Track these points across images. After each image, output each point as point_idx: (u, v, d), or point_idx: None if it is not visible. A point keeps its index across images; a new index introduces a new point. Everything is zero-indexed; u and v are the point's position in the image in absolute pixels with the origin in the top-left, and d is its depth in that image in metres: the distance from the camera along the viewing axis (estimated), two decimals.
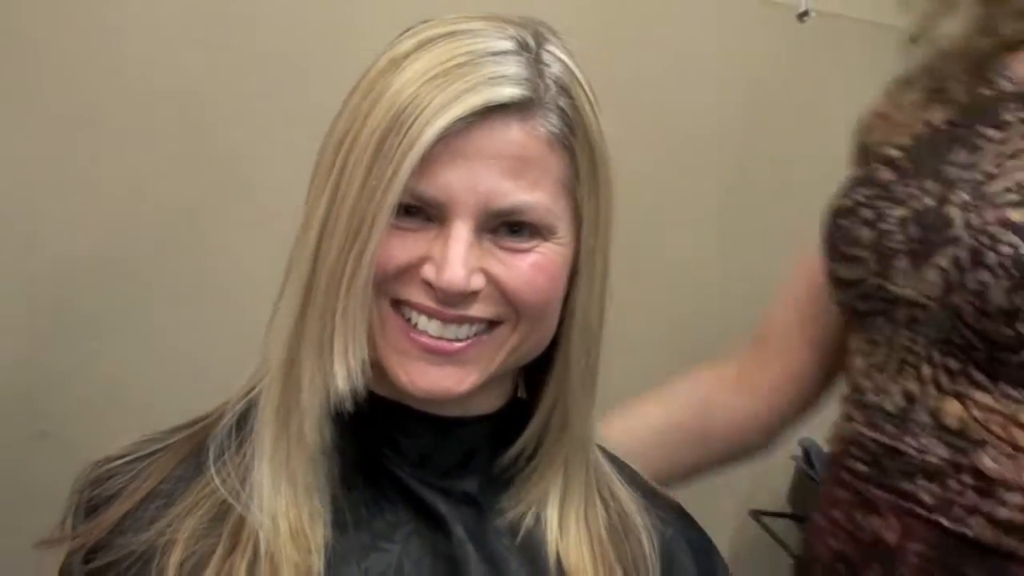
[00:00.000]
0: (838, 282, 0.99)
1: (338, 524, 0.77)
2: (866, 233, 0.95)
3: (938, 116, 0.98)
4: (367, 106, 0.73)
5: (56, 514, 0.82)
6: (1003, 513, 0.87)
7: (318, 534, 0.76)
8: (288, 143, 1.02)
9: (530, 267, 0.75)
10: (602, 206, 0.79)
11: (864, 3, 1.62)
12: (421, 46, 0.74)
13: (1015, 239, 0.85)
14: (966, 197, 0.90)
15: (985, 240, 0.87)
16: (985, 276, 0.86)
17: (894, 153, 0.98)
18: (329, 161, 0.74)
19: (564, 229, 0.77)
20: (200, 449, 0.81)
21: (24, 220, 1.41)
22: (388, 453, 0.80)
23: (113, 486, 0.81)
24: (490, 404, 0.83)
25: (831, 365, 1.08)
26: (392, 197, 0.71)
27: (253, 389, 0.80)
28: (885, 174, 0.97)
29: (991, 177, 0.91)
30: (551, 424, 0.82)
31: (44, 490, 0.87)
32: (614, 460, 0.89)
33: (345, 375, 0.73)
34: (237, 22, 1.40)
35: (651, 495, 0.89)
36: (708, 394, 1.14)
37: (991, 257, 0.86)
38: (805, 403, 1.13)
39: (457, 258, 0.72)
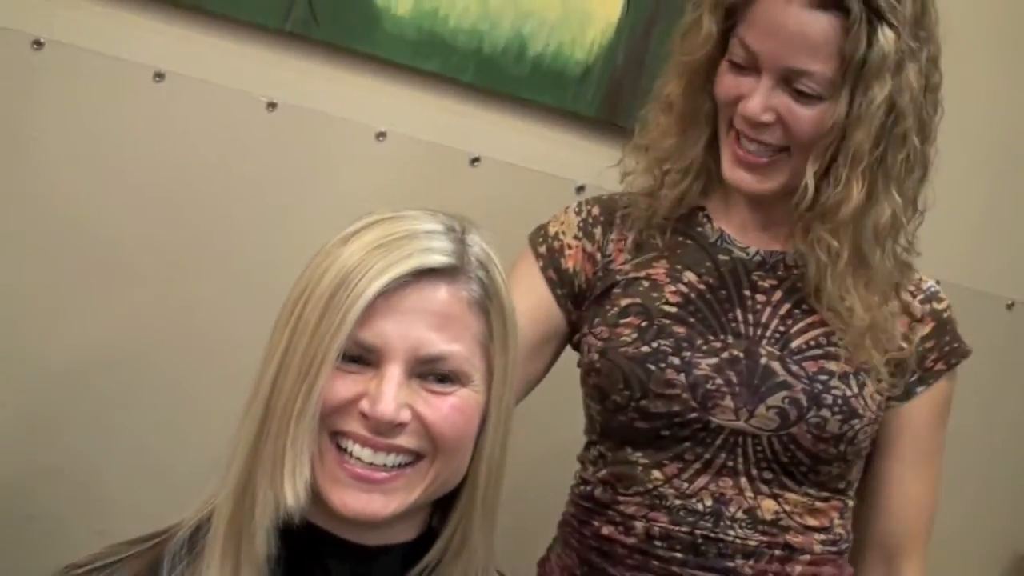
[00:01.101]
0: (643, 413, 1.20)
1: None
2: (680, 378, 1.19)
3: (690, 276, 1.25)
4: (322, 269, 0.89)
5: None
6: (798, 570, 1.24)
7: None
8: (256, 298, 1.20)
9: (449, 408, 0.90)
10: (509, 362, 0.95)
11: None
12: (367, 226, 0.91)
13: (839, 385, 1.20)
14: (776, 350, 1.22)
15: (818, 386, 1.19)
16: (825, 413, 1.19)
17: (671, 310, 1.23)
18: (287, 313, 0.90)
19: (478, 379, 0.92)
20: (156, 562, 0.92)
21: (19, 336, 1.54)
22: (318, 573, 0.93)
23: None
24: (408, 533, 0.96)
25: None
26: (339, 342, 0.86)
27: (203, 508, 0.93)
28: (678, 328, 1.22)
29: (785, 335, 1.23)
30: (451, 543, 0.95)
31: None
32: None
33: (293, 493, 0.87)
34: (216, 211, 1.59)
35: None
36: None
37: (827, 398, 1.19)
38: None
39: (389, 394, 0.87)
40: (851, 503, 1.31)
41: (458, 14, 1.60)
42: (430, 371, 0.91)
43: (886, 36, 1.15)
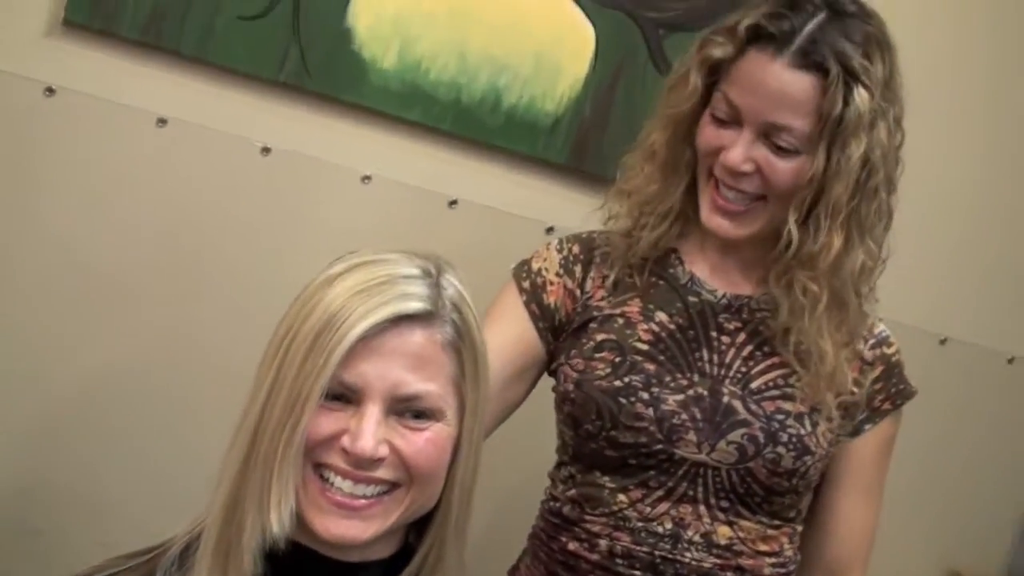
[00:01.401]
0: (612, 442, 1.25)
1: None
2: (649, 412, 1.24)
3: (661, 316, 1.29)
4: (307, 311, 0.93)
5: None
6: None
7: None
8: (250, 325, 1.21)
9: (425, 442, 0.94)
10: (480, 397, 1.00)
11: None
12: (349, 269, 0.95)
13: (794, 424, 1.25)
14: (737, 390, 1.26)
15: (775, 425, 1.24)
16: (780, 450, 1.24)
17: (643, 347, 1.27)
18: (274, 350, 0.94)
19: (451, 414, 0.97)
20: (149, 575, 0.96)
21: (30, 358, 1.62)
22: None
23: None
24: (385, 551, 1.00)
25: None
26: (323, 382, 0.90)
27: (194, 527, 0.96)
28: (649, 365, 1.26)
29: (746, 376, 1.27)
30: (427, 560, 1.00)
31: None
32: None
33: (278, 521, 0.90)
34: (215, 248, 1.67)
35: None
36: None
37: (783, 436, 1.24)
38: None
39: (369, 431, 0.91)
40: (800, 528, 1.35)
41: (439, 68, 1.66)
42: (406, 408, 0.95)
43: (861, 96, 1.18)
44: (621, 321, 1.30)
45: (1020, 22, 1.94)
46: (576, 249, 1.35)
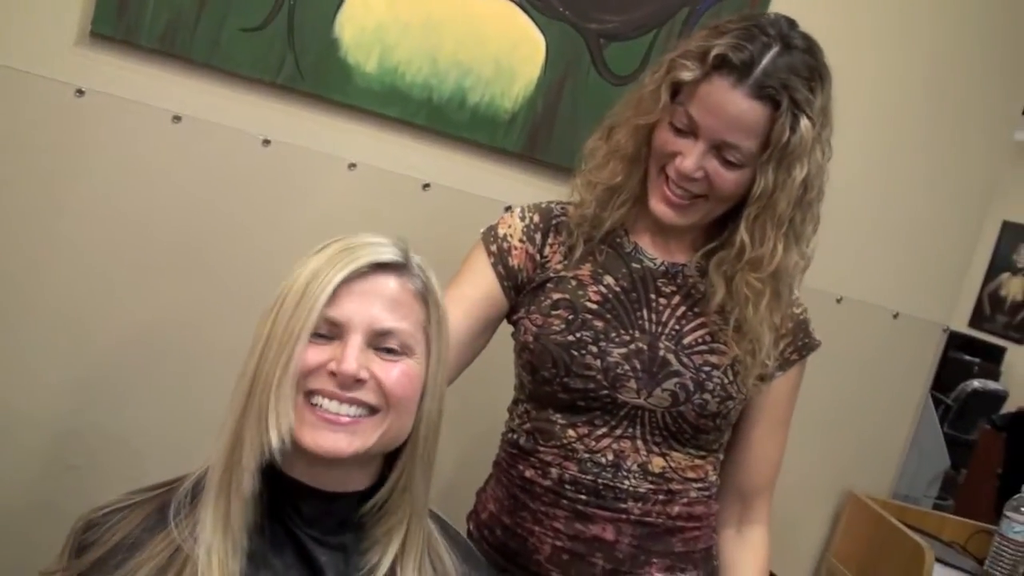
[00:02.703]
0: (564, 387, 1.34)
1: (251, 558, 1.01)
2: (596, 363, 1.32)
3: (609, 279, 1.36)
4: (297, 272, 1.03)
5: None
6: (675, 510, 1.38)
7: (236, 565, 0.99)
8: (255, 289, 1.24)
9: (399, 372, 1.03)
10: (443, 346, 1.09)
11: None
12: (332, 242, 1.05)
13: (719, 375, 1.34)
14: (671, 345, 1.34)
15: (703, 375, 1.34)
16: (707, 396, 1.34)
17: (592, 306, 1.35)
18: (271, 304, 1.03)
19: (420, 353, 1.06)
20: (164, 506, 1.04)
21: (70, 319, 1.73)
22: (291, 514, 1.05)
23: (95, 533, 1.03)
24: (363, 483, 1.08)
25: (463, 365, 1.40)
26: (312, 320, 0.99)
27: (205, 465, 1.04)
28: (597, 322, 1.34)
29: (679, 333, 1.35)
30: (397, 487, 1.07)
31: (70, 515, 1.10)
32: (443, 523, 1.18)
33: (277, 436, 0.98)
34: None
35: (469, 555, 1.18)
36: None
37: (709, 385, 1.34)
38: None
39: (352, 355, 1.00)
40: (722, 458, 1.45)
41: (413, 71, 1.76)
42: (383, 343, 1.03)
43: (805, 126, 1.24)
44: (574, 283, 1.36)
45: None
46: (536, 219, 1.41)
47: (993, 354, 7.33)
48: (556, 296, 1.37)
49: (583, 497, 1.35)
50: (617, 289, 1.37)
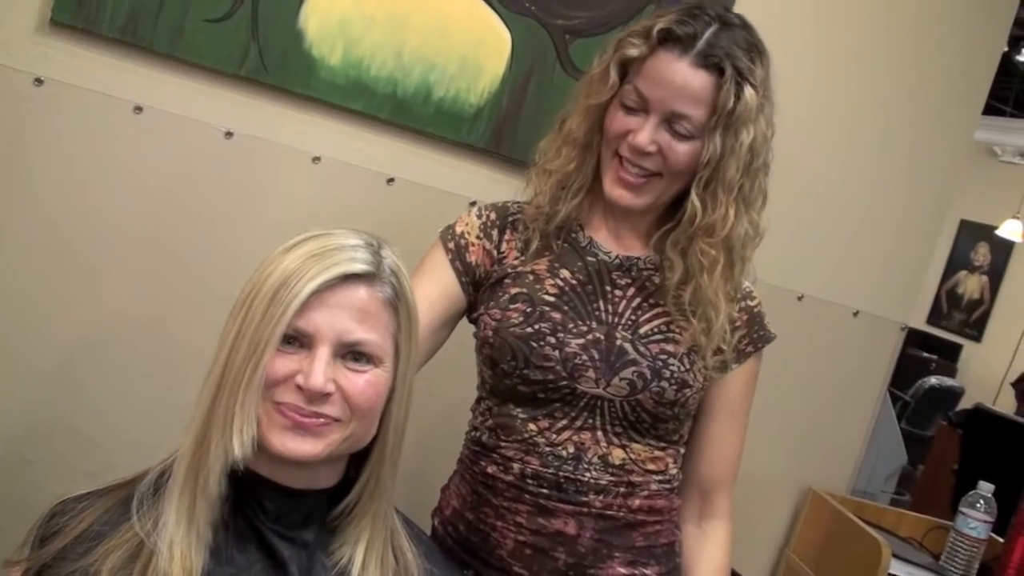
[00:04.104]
0: (524, 379, 1.35)
1: (214, 554, 1.01)
2: (555, 354, 1.34)
3: (565, 273, 1.39)
4: (267, 273, 1.02)
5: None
6: (636, 503, 1.39)
7: (199, 559, 1.00)
8: (217, 284, 1.29)
9: (365, 383, 1.04)
10: (412, 348, 1.09)
11: None
12: (304, 240, 1.05)
13: (675, 363, 1.36)
14: (628, 335, 1.36)
15: (659, 364, 1.36)
16: (664, 384, 1.36)
17: (550, 299, 1.37)
18: (238, 308, 1.02)
19: (388, 362, 1.06)
20: (126, 500, 1.04)
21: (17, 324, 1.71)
22: (256, 510, 1.05)
23: (59, 523, 1.03)
24: (329, 480, 1.09)
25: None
26: (280, 329, 0.99)
27: (168, 459, 1.05)
28: (555, 314, 1.36)
29: (635, 323, 1.37)
30: (367, 487, 1.09)
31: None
32: (407, 521, 1.19)
33: (240, 445, 0.99)
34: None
35: (431, 551, 1.20)
36: None
37: (666, 373, 1.36)
38: None
39: (319, 369, 1.00)
40: (683, 451, 1.46)
41: (378, 65, 1.77)
42: (350, 352, 1.03)
43: (749, 93, 1.29)
44: (531, 277, 1.39)
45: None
46: (493, 216, 1.44)
47: (950, 351, 7.44)
48: (514, 291, 1.39)
49: (545, 491, 1.37)
50: (573, 282, 1.39)
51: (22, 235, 1.68)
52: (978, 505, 2.14)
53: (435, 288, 1.40)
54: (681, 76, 1.29)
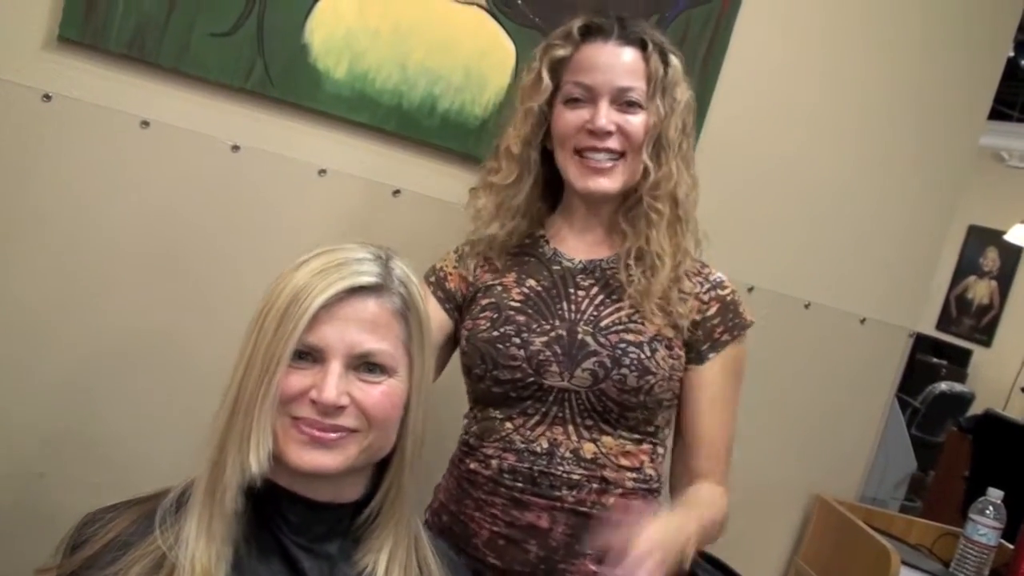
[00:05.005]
0: (496, 380, 1.42)
1: (236, 567, 1.02)
2: (521, 352, 1.40)
3: (531, 282, 1.46)
4: (278, 291, 1.03)
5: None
6: (611, 501, 1.42)
7: (219, 573, 1.00)
8: (226, 298, 1.31)
9: (380, 394, 1.05)
10: (426, 358, 1.10)
11: None
12: (312, 257, 1.06)
13: (635, 350, 1.40)
14: (589, 328, 1.42)
15: (619, 352, 1.40)
16: (625, 371, 1.40)
17: (515, 304, 1.44)
18: (254, 323, 1.04)
19: (402, 371, 1.07)
20: (151, 513, 1.05)
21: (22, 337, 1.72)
22: (279, 523, 1.06)
23: (88, 532, 1.05)
24: (352, 494, 1.10)
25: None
26: (291, 345, 1.00)
27: (191, 478, 1.06)
28: (520, 317, 1.43)
29: (597, 317, 1.43)
30: (388, 497, 1.10)
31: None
32: (432, 537, 1.20)
33: (256, 461, 1.00)
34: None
35: (454, 565, 1.20)
36: None
37: (626, 360, 1.40)
38: None
39: (332, 383, 1.02)
40: (661, 450, 1.48)
41: (383, 78, 1.77)
42: (362, 363, 1.04)
43: (674, 60, 1.43)
44: (499, 288, 1.47)
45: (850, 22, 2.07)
46: (467, 248, 1.54)
47: (960, 357, 7.41)
48: (485, 302, 1.48)
49: (520, 485, 1.42)
50: (539, 288, 1.47)
51: (31, 249, 1.70)
52: (988, 511, 2.13)
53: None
54: (614, 55, 1.42)
